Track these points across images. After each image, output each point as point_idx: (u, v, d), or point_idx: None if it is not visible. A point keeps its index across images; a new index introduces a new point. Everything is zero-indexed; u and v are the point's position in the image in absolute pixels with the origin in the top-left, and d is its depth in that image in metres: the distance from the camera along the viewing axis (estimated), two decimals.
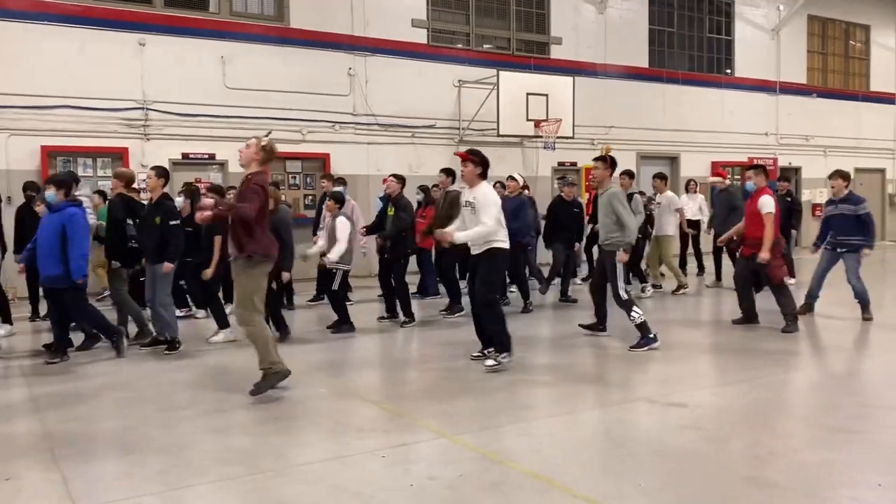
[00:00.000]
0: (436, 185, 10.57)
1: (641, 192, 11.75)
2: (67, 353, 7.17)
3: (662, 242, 11.48)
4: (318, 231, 10.37)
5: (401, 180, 9.20)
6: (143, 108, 12.24)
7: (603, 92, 16.66)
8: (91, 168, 12.06)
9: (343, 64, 13.88)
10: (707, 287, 12.09)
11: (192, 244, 8.21)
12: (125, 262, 7.83)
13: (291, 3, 13.44)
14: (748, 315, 8.59)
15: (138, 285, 8.28)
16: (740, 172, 18.18)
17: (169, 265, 7.36)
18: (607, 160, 7.67)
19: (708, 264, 12.90)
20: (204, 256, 8.19)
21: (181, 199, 8.95)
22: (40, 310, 9.31)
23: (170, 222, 7.40)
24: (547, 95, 14.49)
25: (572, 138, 14.89)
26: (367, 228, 9.67)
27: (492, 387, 5.99)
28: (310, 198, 13.70)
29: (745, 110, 19.09)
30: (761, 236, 8.11)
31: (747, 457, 4.35)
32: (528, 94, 14.30)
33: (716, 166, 18.29)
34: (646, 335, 7.30)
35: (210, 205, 5.86)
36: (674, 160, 18.01)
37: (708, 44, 18.77)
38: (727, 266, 11.03)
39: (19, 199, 10.07)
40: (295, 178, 13.71)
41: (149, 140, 12.32)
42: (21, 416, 5.42)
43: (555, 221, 10.55)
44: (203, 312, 9.61)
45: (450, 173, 9.56)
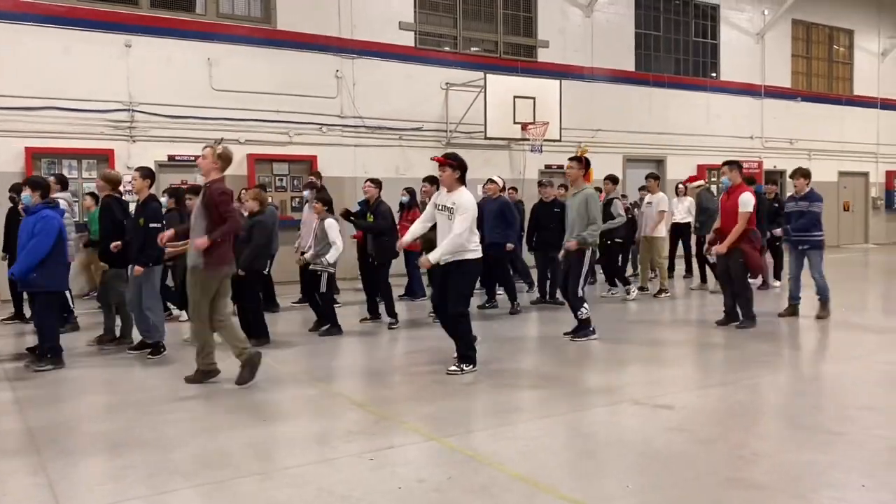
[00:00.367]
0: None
1: (624, 196, 11.98)
2: (63, 360, 6.92)
3: (654, 244, 11.53)
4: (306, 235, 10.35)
5: (378, 185, 9.21)
6: (128, 110, 12.19)
7: (590, 95, 16.74)
8: (76, 170, 11.98)
9: (330, 66, 13.87)
10: (692, 290, 12.18)
11: None
12: (124, 263, 7.62)
13: (278, 4, 13.42)
14: (731, 314, 8.69)
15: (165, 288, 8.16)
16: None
17: (139, 268, 7.17)
18: (582, 161, 7.95)
19: (695, 267, 13.00)
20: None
21: (165, 199, 8.94)
22: (25, 312, 9.24)
23: (150, 224, 7.18)
24: (534, 98, 14.54)
25: (559, 141, 14.95)
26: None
27: (479, 389, 6.00)
28: (297, 200, 13.66)
29: (731, 114, 19.25)
30: (739, 233, 8.28)
31: (732, 458, 4.38)
32: (515, 97, 14.35)
33: (702, 169, 18.42)
34: (585, 328, 7.88)
35: (203, 244, 5.97)
36: (660, 163, 18.12)
37: (694, 47, 18.90)
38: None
39: (4, 201, 9.98)
40: (282, 180, 13.68)
41: (135, 142, 12.26)
42: (5, 417, 5.37)
43: (536, 223, 10.60)
44: (185, 314, 9.56)
45: (433, 181, 9.51)
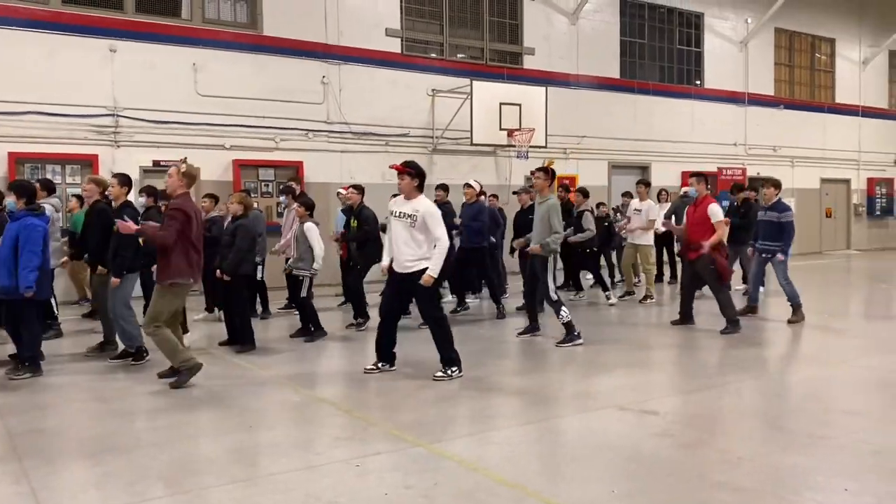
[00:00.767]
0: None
1: (602, 204, 12.23)
2: (41, 368, 6.82)
3: (641, 251, 11.58)
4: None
5: (361, 191, 9.25)
6: (113, 115, 12.11)
7: (575, 102, 16.83)
8: (60, 175, 11.89)
9: (317, 72, 13.86)
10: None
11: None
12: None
13: (265, 10, 13.40)
14: (685, 317, 9.04)
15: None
16: (711, 182, 18.47)
17: (115, 279, 7.08)
18: (548, 172, 8.22)
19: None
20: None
21: (143, 199, 8.89)
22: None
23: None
24: (520, 105, 14.59)
25: (545, 147, 15.01)
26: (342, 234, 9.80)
27: (465, 395, 6.01)
28: (283, 205, 13.59)
29: (715, 121, 19.39)
30: (707, 241, 8.51)
31: (717, 462, 4.42)
32: (501, 104, 14.39)
33: (685, 176, 18.51)
34: (571, 333, 7.91)
35: (129, 228, 6.36)
36: (645, 169, 18.22)
37: (678, 55, 19.05)
38: None
39: None
40: (268, 185, 13.63)
41: (119, 147, 12.18)
42: None
43: (516, 230, 10.70)
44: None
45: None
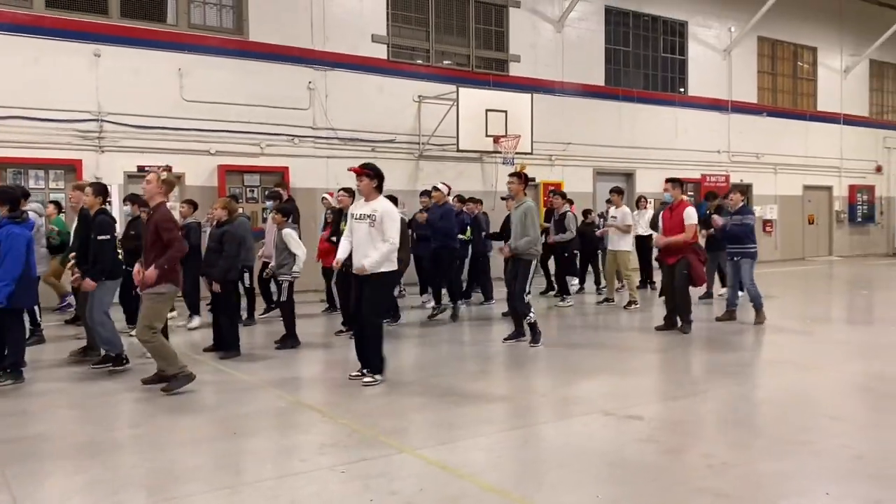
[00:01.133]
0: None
1: (589, 211, 12.43)
2: (23, 375, 6.75)
3: (620, 257, 11.67)
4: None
5: (351, 194, 9.26)
6: (97, 120, 12.05)
7: (561, 109, 16.91)
8: (43, 180, 11.81)
9: (303, 78, 13.85)
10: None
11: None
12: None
13: (251, 16, 13.39)
14: (671, 322, 9.12)
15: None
16: (694, 189, 18.63)
17: (90, 283, 7.02)
18: (521, 177, 8.35)
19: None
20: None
21: (128, 208, 8.85)
22: None
23: (98, 237, 7.03)
24: (506, 112, 14.65)
25: (531, 154, 15.05)
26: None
27: (449, 401, 6.01)
28: (269, 210, 13.56)
29: (698, 128, 19.54)
30: (683, 245, 8.82)
31: (701, 468, 4.45)
32: (487, 111, 14.44)
33: None
34: (536, 333, 8.20)
35: (153, 276, 6.24)
36: (629, 176, 18.33)
37: (662, 63, 19.19)
38: None
39: None
40: (253, 191, 13.60)
41: (103, 152, 12.11)
42: None
43: (503, 234, 10.80)
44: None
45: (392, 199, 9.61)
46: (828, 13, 22.43)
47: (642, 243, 13.20)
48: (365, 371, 6.66)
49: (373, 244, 6.40)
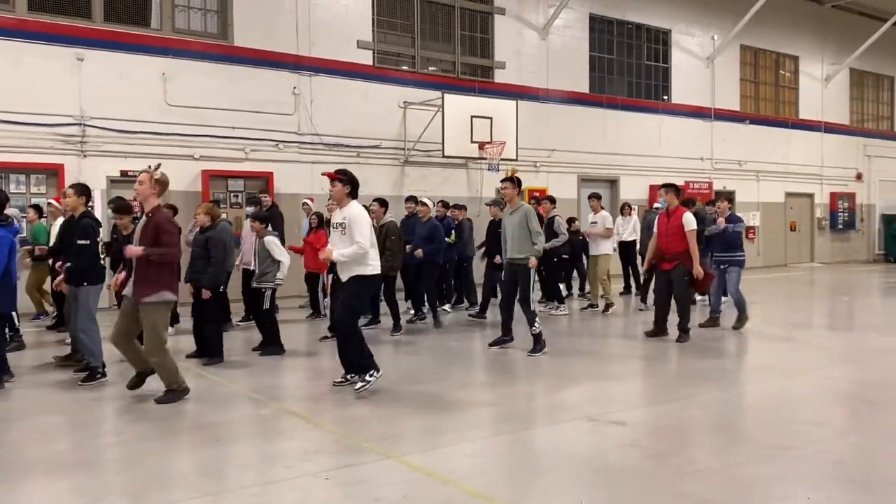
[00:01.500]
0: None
1: (574, 218, 12.49)
2: (2, 382, 6.67)
3: (599, 260, 11.78)
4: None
5: (383, 204, 9.37)
6: (80, 124, 11.96)
7: (545, 116, 16.99)
8: (24, 185, 11.71)
9: (288, 83, 13.83)
10: (640, 310, 12.33)
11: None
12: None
13: (235, 21, 13.35)
14: (661, 328, 9.07)
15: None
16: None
17: (65, 284, 6.91)
18: (514, 181, 8.34)
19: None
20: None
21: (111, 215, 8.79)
22: None
23: (78, 241, 6.81)
24: (491, 118, 14.70)
25: (516, 160, 15.11)
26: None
27: (434, 407, 6.01)
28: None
29: (682, 135, 19.70)
30: (681, 251, 8.70)
31: (684, 473, 4.47)
32: (472, 117, 14.49)
33: (654, 190, 18.77)
34: (541, 343, 8.09)
35: (139, 252, 5.98)
36: (613, 183, 18.44)
37: (646, 71, 19.33)
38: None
39: None
40: (237, 196, 13.55)
41: (86, 157, 12.03)
42: None
43: (489, 243, 10.89)
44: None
45: (383, 203, 9.63)
46: (809, 22, 22.71)
47: (627, 249, 13.27)
48: (349, 377, 6.65)
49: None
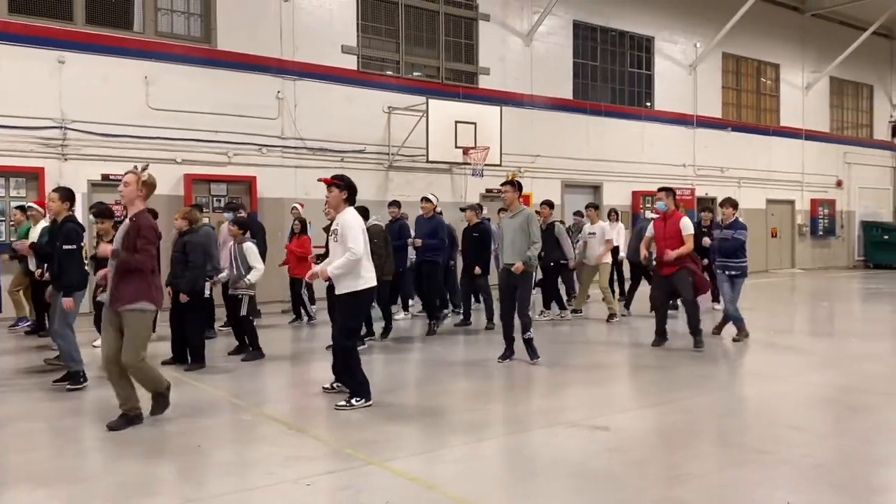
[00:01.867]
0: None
1: (561, 222, 12.43)
2: None
3: (599, 270, 11.73)
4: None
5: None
6: (61, 127, 11.85)
7: (529, 122, 17.05)
8: (4, 188, 11.57)
9: (271, 87, 13.78)
10: (623, 315, 12.37)
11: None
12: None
13: (219, 24, 13.30)
14: (663, 335, 9.03)
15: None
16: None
17: (69, 301, 6.69)
18: (515, 184, 8.13)
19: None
20: None
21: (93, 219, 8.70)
22: None
23: (64, 246, 6.68)
24: (475, 124, 14.72)
25: (500, 166, 15.15)
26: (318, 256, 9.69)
27: (418, 412, 6.00)
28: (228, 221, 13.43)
29: (664, 142, 19.83)
30: (686, 253, 8.65)
31: (666, 478, 4.49)
32: (456, 122, 14.50)
33: (636, 196, 18.91)
34: (535, 350, 7.95)
35: (107, 251, 5.76)
36: (597, 189, 18.52)
37: (629, 77, 19.46)
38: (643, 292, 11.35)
39: None
40: (220, 200, 13.46)
41: (66, 160, 11.91)
42: None
43: (464, 249, 10.85)
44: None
45: (363, 211, 9.57)
46: (790, 31, 22.97)
47: (613, 256, 13.25)
48: (336, 385, 6.58)
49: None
